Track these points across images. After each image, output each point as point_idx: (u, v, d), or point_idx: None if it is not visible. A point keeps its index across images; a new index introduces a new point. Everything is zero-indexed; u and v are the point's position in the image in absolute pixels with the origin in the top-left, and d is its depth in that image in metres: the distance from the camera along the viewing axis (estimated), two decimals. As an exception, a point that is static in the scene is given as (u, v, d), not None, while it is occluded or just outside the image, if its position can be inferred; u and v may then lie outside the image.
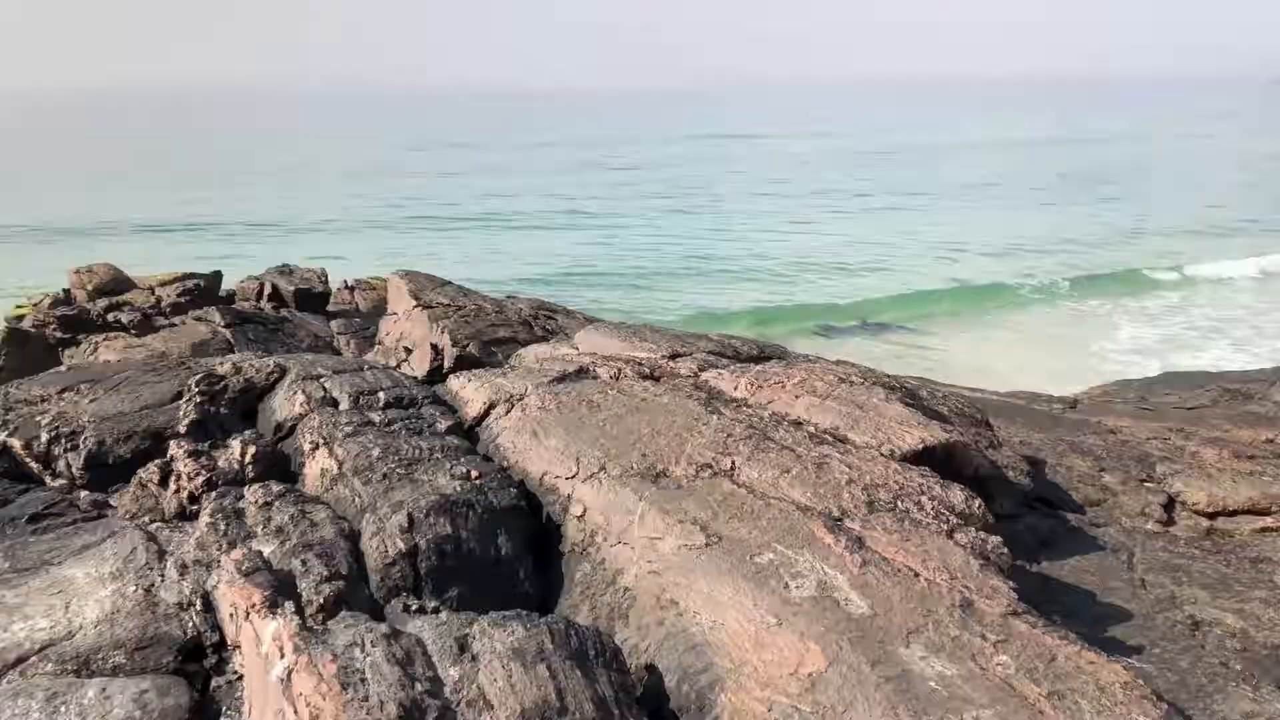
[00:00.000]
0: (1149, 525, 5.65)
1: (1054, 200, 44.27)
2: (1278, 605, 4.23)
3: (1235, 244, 31.62)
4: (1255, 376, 9.02)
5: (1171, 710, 2.79)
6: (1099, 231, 34.94)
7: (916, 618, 3.15)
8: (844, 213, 40.93)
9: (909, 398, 5.71)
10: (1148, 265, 28.07)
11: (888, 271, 28.29)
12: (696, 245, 32.63)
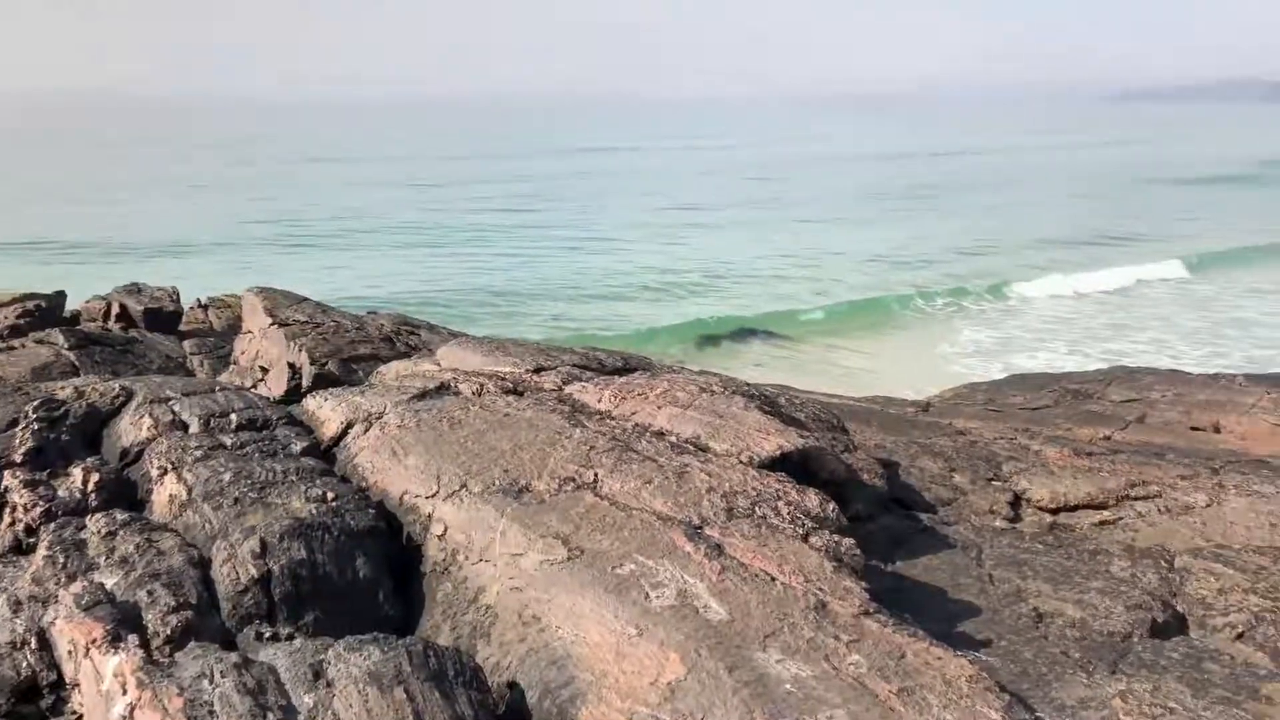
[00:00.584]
0: (997, 522, 5.90)
1: (910, 212, 45.83)
2: (1113, 594, 4.46)
3: (1065, 259, 33.34)
4: (1093, 377, 9.51)
5: (1013, 701, 2.91)
6: (957, 242, 36.29)
7: (773, 621, 3.21)
8: (712, 227, 41.50)
9: (767, 405, 5.82)
10: (983, 277, 29.41)
11: (754, 284, 28.76)
12: (563, 262, 32.59)
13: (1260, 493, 5.83)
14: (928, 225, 40.64)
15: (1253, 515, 5.57)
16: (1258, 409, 7.91)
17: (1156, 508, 5.84)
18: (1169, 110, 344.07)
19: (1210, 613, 4.42)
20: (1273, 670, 3.81)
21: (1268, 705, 3.52)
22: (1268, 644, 4.04)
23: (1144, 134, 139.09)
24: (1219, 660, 3.86)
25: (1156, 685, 3.39)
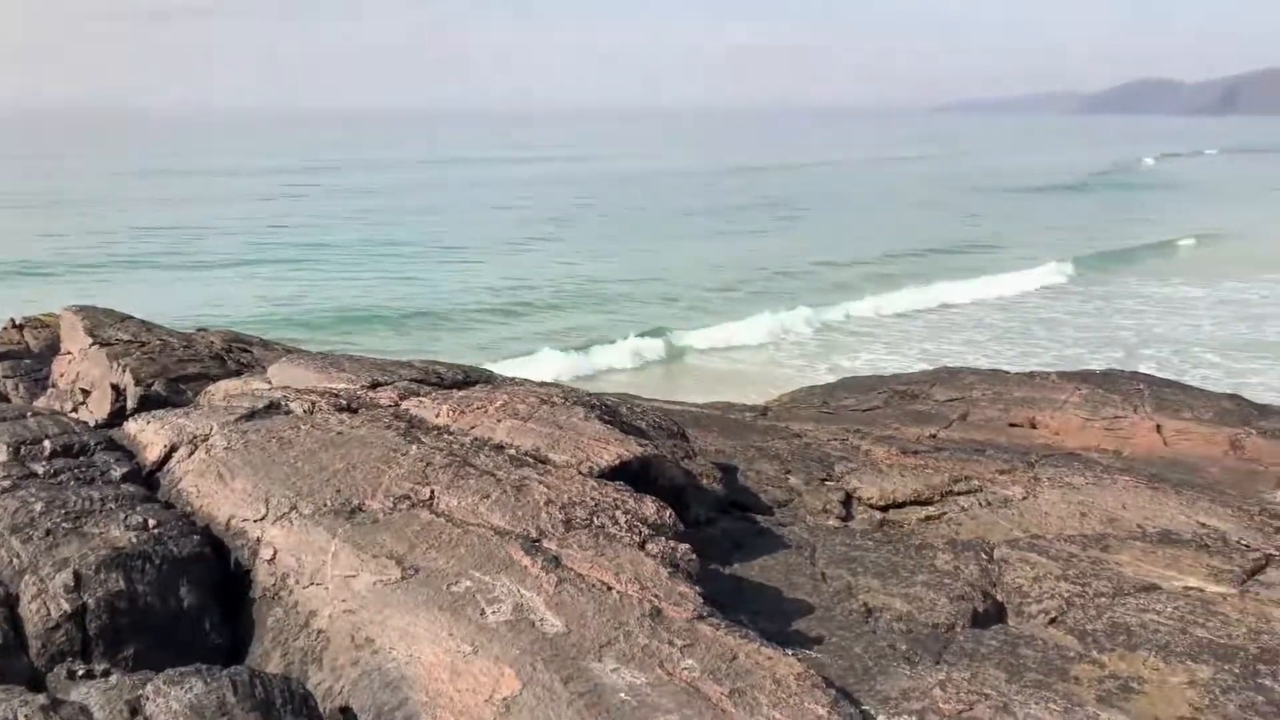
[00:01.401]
0: (830, 521, 6.09)
1: (750, 227, 46.62)
2: (937, 587, 4.65)
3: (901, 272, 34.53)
4: (919, 378, 9.92)
5: (839, 696, 3.02)
6: (800, 255, 37.14)
7: (609, 631, 3.24)
8: (552, 241, 41.35)
9: (608, 415, 5.87)
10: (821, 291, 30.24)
11: (600, 300, 28.73)
12: (411, 278, 31.94)
13: (1071, 484, 6.19)
14: (763, 241, 41.24)
15: (1064, 506, 5.91)
16: (1069, 405, 8.39)
17: (978, 502, 6.13)
18: (990, 121, 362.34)
19: (1026, 600, 4.66)
20: (1081, 652, 4.05)
21: (1076, 685, 3.74)
22: (1077, 627, 4.29)
23: (970, 145, 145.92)
24: (1033, 645, 4.08)
25: (974, 672, 3.56)
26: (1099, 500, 5.92)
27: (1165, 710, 3.56)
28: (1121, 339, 23.76)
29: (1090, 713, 3.27)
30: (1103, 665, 3.90)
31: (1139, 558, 5.01)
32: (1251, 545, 5.23)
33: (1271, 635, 4.13)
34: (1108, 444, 7.91)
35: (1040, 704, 3.18)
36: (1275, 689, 3.71)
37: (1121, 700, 3.63)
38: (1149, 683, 3.77)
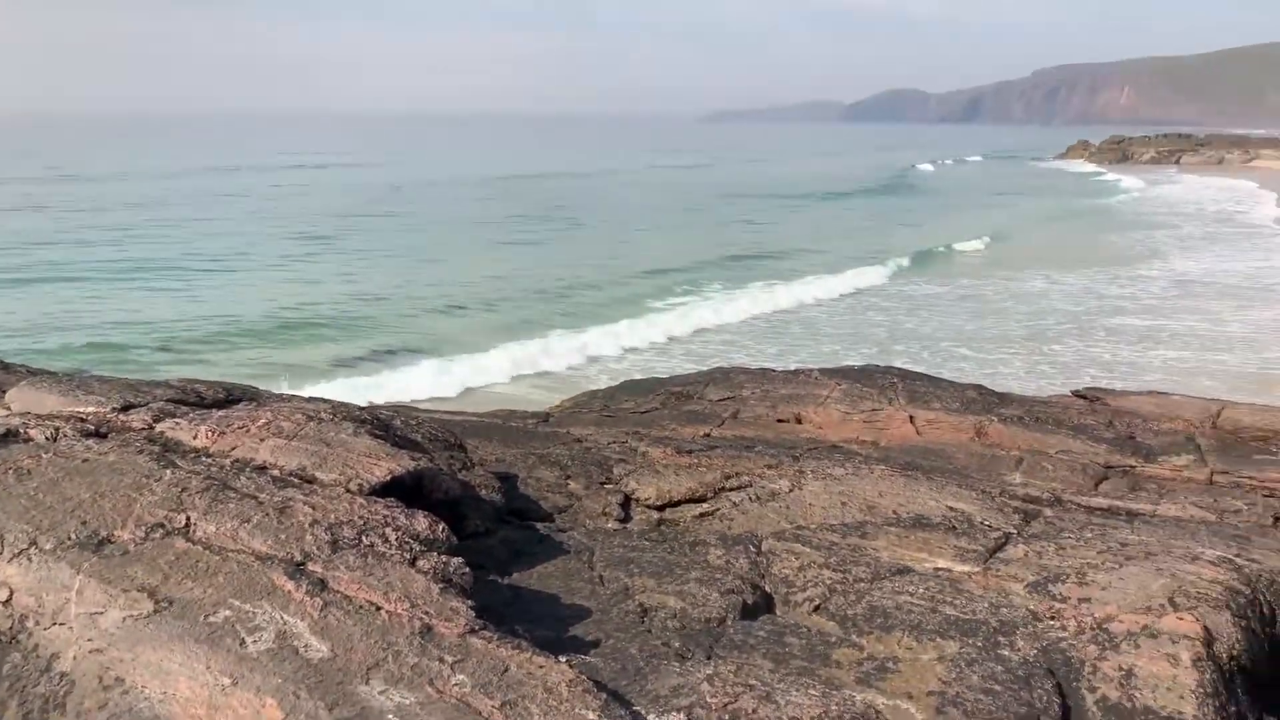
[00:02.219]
0: (609, 524, 6.17)
1: (542, 236, 46.40)
2: (709, 582, 4.79)
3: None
4: (694, 379, 10.19)
5: (610, 699, 3.06)
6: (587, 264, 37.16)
7: (377, 652, 3.17)
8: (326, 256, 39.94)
9: (380, 429, 5.73)
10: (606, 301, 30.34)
11: (395, 315, 27.82)
12: (188, 296, 30.02)
13: (832, 475, 6.51)
14: (548, 252, 40.87)
15: (827, 496, 6.20)
16: (830, 400, 8.82)
17: (748, 497, 6.35)
18: (762, 129, 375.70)
19: (792, 590, 4.87)
20: (841, 636, 4.26)
21: (837, 669, 3.94)
22: (838, 613, 4.51)
23: (751, 152, 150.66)
24: (798, 633, 4.26)
25: (741, 664, 3.68)
26: (858, 490, 6.25)
27: (917, 686, 3.79)
28: (877, 337, 25.15)
29: (847, 695, 3.45)
30: (861, 648, 4.12)
31: (894, 543, 5.33)
32: (993, 525, 5.65)
33: (1010, 609, 4.47)
34: (866, 435, 8.36)
35: (801, 690, 3.33)
36: (1013, 659, 4.02)
37: (878, 680, 3.85)
38: (903, 661, 4.00)
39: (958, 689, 3.75)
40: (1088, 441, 7.96)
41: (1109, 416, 8.72)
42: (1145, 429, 8.46)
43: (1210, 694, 3.69)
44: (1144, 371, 20.59)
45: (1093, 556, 4.96)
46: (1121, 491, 6.96)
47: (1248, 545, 5.30)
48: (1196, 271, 34.89)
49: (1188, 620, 4.00)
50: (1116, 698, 3.74)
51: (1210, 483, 7.30)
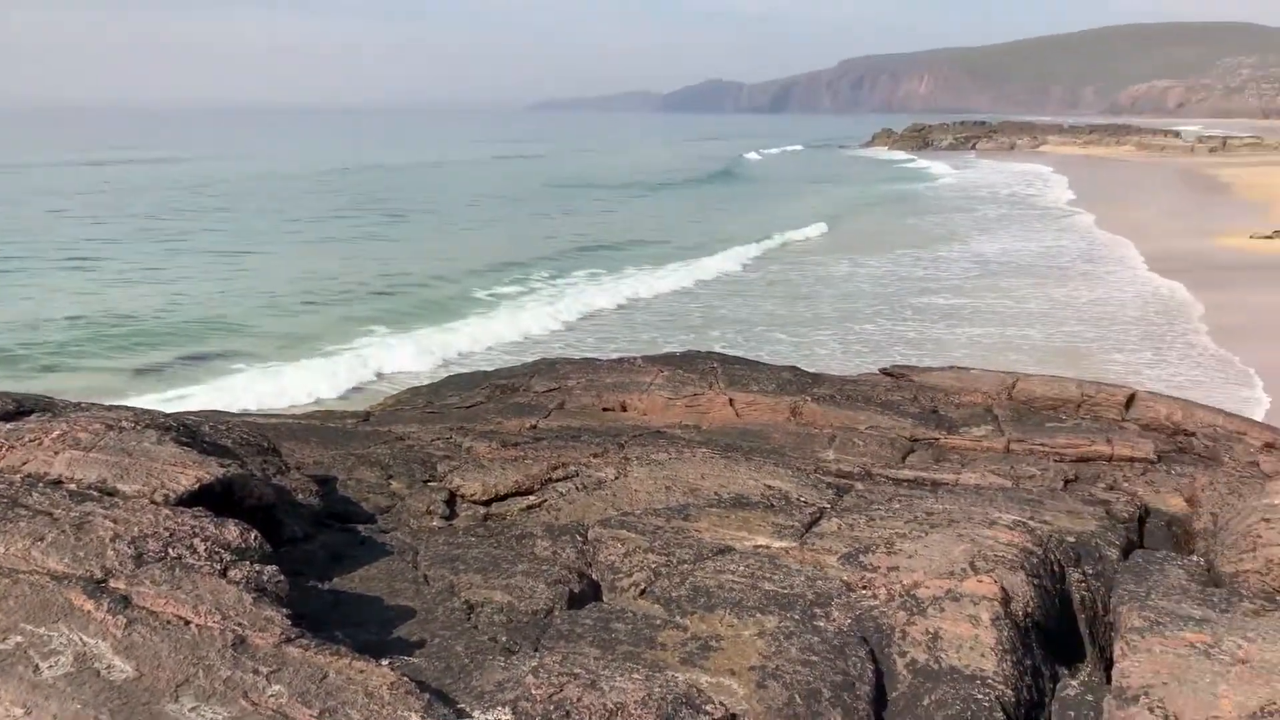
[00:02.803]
0: (434, 522, 6.08)
1: (371, 232, 45.02)
2: (536, 575, 4.79)
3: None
4: (520, 371, 10.15)
5: (433, 699, 3.03)
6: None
7: (187, 668, 3.04)
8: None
9: (186, 436, 5.49)
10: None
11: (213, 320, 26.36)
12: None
13: (657, 460, 6.61)
14: (381, 248, 39.55)
15: (651, 482, 6.29)
16: (654, 386, 8.95)
17: (575, 486, 6.38)
18: (585, 118, 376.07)
19: (618, 575, 4.93)
20: (666, 618, 4.34)
21: (662, 651, 4.01)
22: (663, 595, 4.59)
23: (579, 142, 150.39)
24: (624, 618, 4.32)
25: (567, 654, 3.71)
26: (681, 473, 6.37)
27: (739, 662, 3.90)
28: (694, 323, 25.62)
29: (670, 676, 3.51)
30: (685, 629, 4.21)
31: (716, 523, 5.45)
32: (808, 501, 5.85)
33: (825, 580, 4.64)
34: (689, 420, 8.52)
35: (625, 675, 3.37)
36: (829, 629, 4.18)
37: (702, 659, 3.94)
38: (725, 639, 4.11)
39: (777, 662, 3.88)
40: (895, 417, 8.34)
41: (914, 392, 9.16)
42: (947, 402, 8.92)
43: (1008, 650, 3.94)
44: (950, 348, 21.68)
45: (900, 526, 5.20)
46: (927, 463, 7.32)
47: (1040, 508, 5.67)
48: (994, 251, 36.94)
49: (986, 582, 4.25)
50: (925, 660, 3.94)
51: (1007, 451, 7.76)
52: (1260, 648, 3.62)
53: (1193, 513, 6.29)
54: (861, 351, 21.64)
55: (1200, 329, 22.80)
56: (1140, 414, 8.76)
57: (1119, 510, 6.01)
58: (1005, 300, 27.41)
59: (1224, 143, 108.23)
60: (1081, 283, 29.73)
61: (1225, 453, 8.02)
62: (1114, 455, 7.63)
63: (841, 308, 26.98)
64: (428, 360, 21.20)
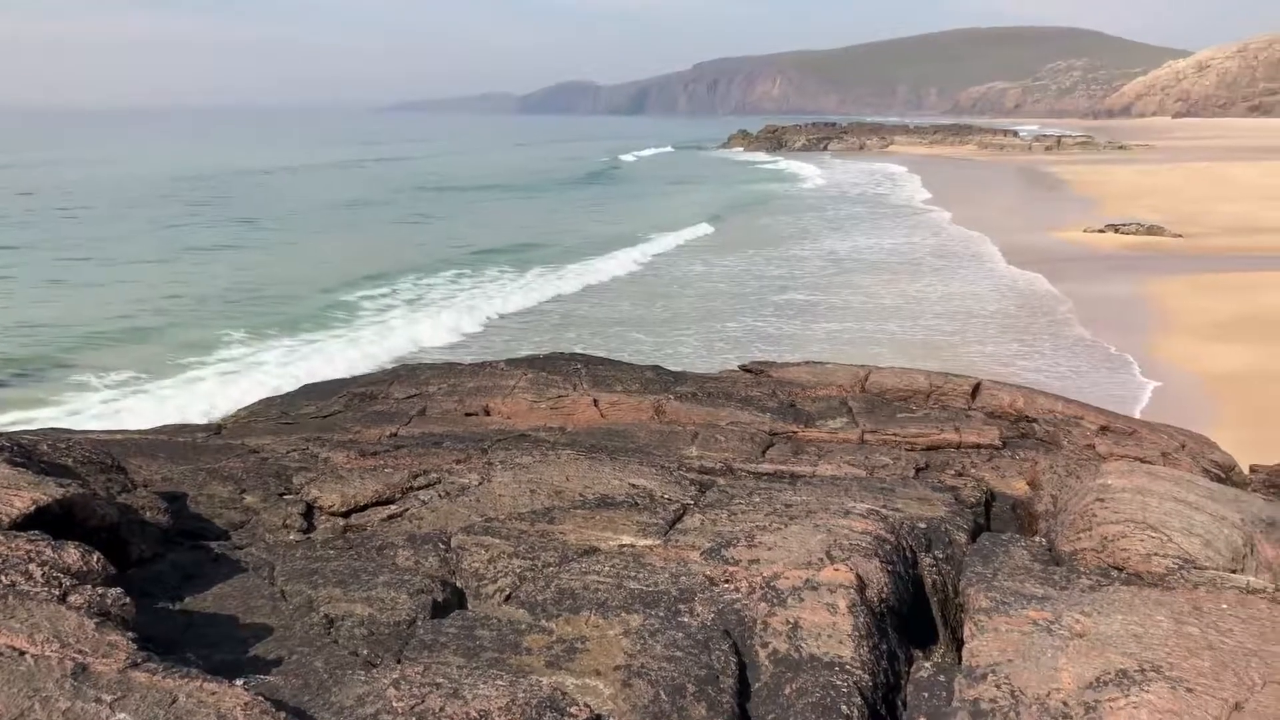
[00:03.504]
0: (291, 536, 5.91)
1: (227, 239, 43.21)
2: (398, 585, 4.71)
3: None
4: (379, 378, 9.97)
5: (290, 717, 2.95)
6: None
7: (22, 701, 2.88)
8: None
9: (21, 456, 5.21)
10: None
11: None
12: None
13: (521, 464, 6.58)
14: (235, 258, 37.76)
15: (516, 486, 6.26)
16: (517, 389, 8.91)
17: (437, 494, 6.29)
18: (443, 120, 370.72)
19: (483, 582, 4.89)
20: (531, 623, 4.32)
21: (527, 656, 3.99)
22: (529, 600, 4.57)
23: (444, 145, 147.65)
24: (488, 625, 4.28)
25: (430, 664, 3.66)
26: (546, 476, 6.36)
27: (605, 662, 3.91)
28: (553, 324, 25.56)
29: (535, 680, 3.50)
30: (551, 632, 4.20)
31: (581, 524, 5.46)
32: (672, 498, 5.92)
33: (689, 576, 4.70)
34: (554, 421, 8.51)
35: (488, 682, 3.35)
36: (692, 624, 4.23)
37: (567, 661, 3.94)
38: (591, 640, 4.12)
39: (643, 660, 3.90)
40: (755, 412, 8.50)
41: (773, 387, 9.35)
42: (805, 396, 9.14)
43: (865, 636, 4.06)
44: (808, 343, 22.23)
45: (761, 519, 5.30)
46: (785, 456, 7.48)
47: (893, 496, 5.86)
48: (856, 248, 38.03)
49: (842, 571, 4.37)
50: (786, 650, 4.03)
51: (861, 442, 8.00)
52: (1095, 621, 3.83)
53: (1034, 495, 6.60)
54: (721, 349, 21.98)
55: (1070, 319, 23.95)
56: (985, 402, 9.14)
57: (966, 495, 6.26)
58: (860, 296, 28.24)
59: (1058, 141, 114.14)
60: (943, 276, 30.93)
61: (1064, 437, 8.44)
62: (962, 443, 7.95)
63: (708, 306, 27.37)
64: (288, 374, 20.55)
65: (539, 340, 23.00)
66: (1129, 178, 63.79)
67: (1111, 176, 65.36)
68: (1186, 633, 3.67)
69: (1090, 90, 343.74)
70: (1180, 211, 43.41)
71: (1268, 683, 3.40)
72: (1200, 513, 4.91)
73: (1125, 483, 5.11)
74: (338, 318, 26.51)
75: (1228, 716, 3.24)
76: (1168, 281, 27.65)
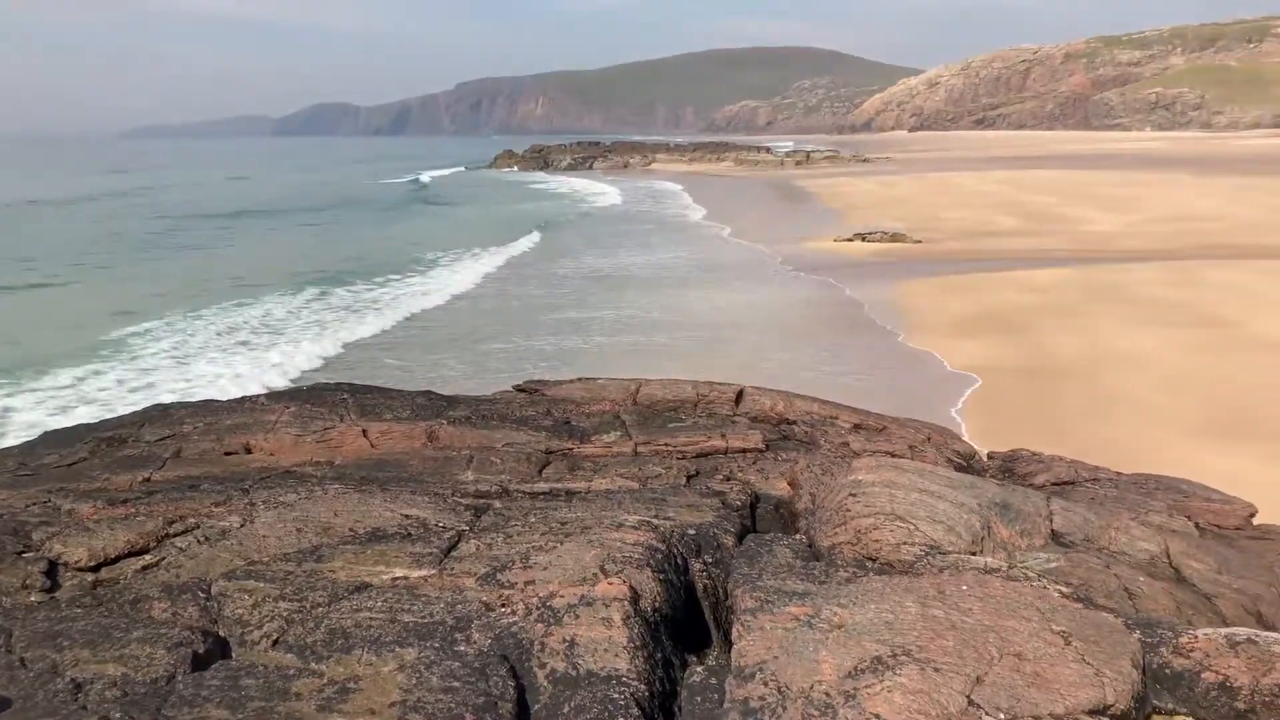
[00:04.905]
0: (32, 598, 5.46)
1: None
2: (154, 640, 4.45)
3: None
4: (129, 421, 9.35)
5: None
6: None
7: None
8: None
9: None
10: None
11: None
12: None
13: (285, 502, 6.33)
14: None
15: (281, 525, 6.01)
16: (280, 424, 8.56)
17: (196, 539, 5.97)
18: (197, 145, 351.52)
19: (248, 629, 4.68)
20: (301, 667, 4.17)
21: (297, 701, 3.85)
22: (297, 643, 4.40)
23: (209, 170, 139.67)
24: (254, 673, 4.10)
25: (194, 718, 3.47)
26: (313, 513, 6.14)
27: (379, 700, 3.83)
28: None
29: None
30: (322, 675, 4.07)
31: (351, 560, 5.31)
32: (447, 526, 5.85)
33: (465, 604, 4.66)
34: (321, 455, 8.23)
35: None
36: (469, 653, 4.19)
37: (340, 703, 3.83)
38: (364, 679, 4.02)
39: (419, 694, 3.84)
40: (530, 431, 8.51)
41: (547, 406, 9.40)
42: (579, 412, 9.23)
43: (640, 647, 4.14)
44: (580, 357, 22.43)
45: (537, 539, 5.32)
46: (561, 474, 7.54)
47: (664, 506, 6.00)
48: (615, 266, 38.66)
49: (616, 584, 4.44)
50: (564, 669, 4.05)
51: (635, 454, 8.15)
52: (852, 612, 4.05)
53: (795, 495, 6.91)
54: (497, 368, 21.88)
55: (872, 320, 25.16)
56: (749, 408, 9.51)
57: (733, 499, 6.49)
58: (630, 310, 28.78)
59: (808, 156, 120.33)
60: (728, 285, 31.95)
61: (822, 436, 8.88)
62: (729, 448, 8.23)
63: (464, 326, 27.18)
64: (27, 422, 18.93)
65: (317, 375, 22.19)
66: (872, 189, 67.96)
67: (856, 188, 69.42)
68: (932, 615, 3.94)
69: (834, 107, 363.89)
70: (918, 219, 46.58)
71: (1004, 654, 3.70)
72: (942, 501, 5.27)
73: (875, 477, 5.43)
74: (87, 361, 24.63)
75: (971, 690, 3.50)
76: (912, 284, 29.60)
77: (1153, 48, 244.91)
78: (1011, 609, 4.00)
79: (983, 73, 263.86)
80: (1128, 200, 52.85)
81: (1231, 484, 9.03)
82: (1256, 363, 19.19)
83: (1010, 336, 22.41)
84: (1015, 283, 28.68)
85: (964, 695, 3.46)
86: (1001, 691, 3.50)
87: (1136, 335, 21.86)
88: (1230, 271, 29.14)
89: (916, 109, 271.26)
